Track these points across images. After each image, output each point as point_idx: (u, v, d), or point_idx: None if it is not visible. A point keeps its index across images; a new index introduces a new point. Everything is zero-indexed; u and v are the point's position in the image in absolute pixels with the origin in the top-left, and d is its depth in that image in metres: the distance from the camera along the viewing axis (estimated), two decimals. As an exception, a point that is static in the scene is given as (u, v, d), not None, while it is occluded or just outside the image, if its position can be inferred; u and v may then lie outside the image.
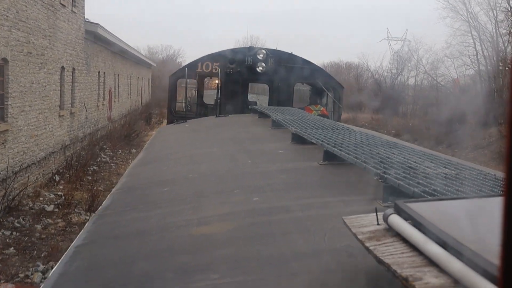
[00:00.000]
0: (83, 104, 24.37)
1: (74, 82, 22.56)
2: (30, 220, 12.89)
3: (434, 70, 51.61)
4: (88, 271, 3.19)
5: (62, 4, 19.98)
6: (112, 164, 22.26)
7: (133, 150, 25.03)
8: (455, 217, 2.19)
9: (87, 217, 11.84)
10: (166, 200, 4.90)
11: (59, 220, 13.07)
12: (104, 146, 25.44)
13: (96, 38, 26.68)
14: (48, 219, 13.06)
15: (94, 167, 20.48)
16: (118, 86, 36.85)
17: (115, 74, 34.97)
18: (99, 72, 28.79)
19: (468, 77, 42.08)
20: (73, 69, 22.33)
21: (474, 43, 41.76)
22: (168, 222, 4.00)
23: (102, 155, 23.44)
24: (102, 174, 19.85)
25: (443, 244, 1.75)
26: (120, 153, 25.17)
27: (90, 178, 18.61)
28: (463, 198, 2.77)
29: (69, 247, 3.78)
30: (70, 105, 22.13)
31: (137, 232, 3.89)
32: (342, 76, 61.46)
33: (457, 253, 1.65)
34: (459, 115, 27.50)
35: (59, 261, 3.47)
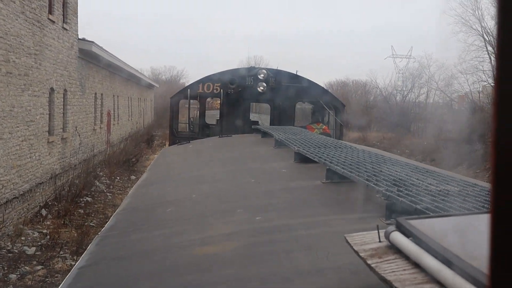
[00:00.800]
0: (76, 128, 22.29)
1: (66, 105, 20.49)
2: (5, 268, 10.86)
3: (448, 86, 50.43)
4: None
5: (51, 20, 18.15)
6: (108, 194, 20.01)
7: (133, 177, 23.04)
8: (457, 234, 2.19)
9: (73, 263, 10.12)
10: (170, 220, 4.90)
11: (39, 268, 11.06)
12: (100, 173, 23.25)
13: (92, 58, 24.98)
14: (26, 267, 11.02)
15: (87, 198, 18.23)
16: (118, 108, 34.88)
17: (114, 96, 33.23)
18: (95, 93, 27.00)
19: (484, 94, 40.86)
20: (65, 90, 20.35)
21: (490, 58, 40.27)
22: (171, 242, 4.00)
23: (98, 183, 21.23)
24: (96, 206, 17.60)
25: (445, 261, 1.76)
26: (118, 181, 23.08)
27: (82, 211, 16.49)
28: (465, 214, 2.78)
29: (73, 268, 3.78)
30: (62, 130, 19.97)
31: (140, 253, 3.89)
32: (349, 95, 60.43)
33: (459, 270, 1.65)
34: (478, 133, 26.72)
35: (63, 282, 3.47)
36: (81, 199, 17.63)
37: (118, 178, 23.43)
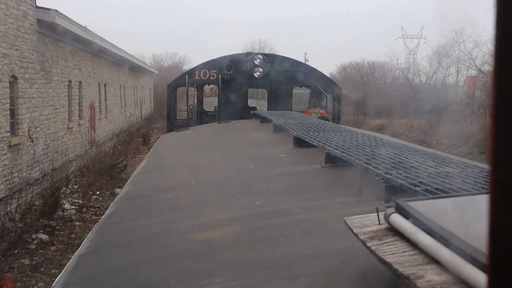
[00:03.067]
0: (36, 128, 16.59)
1: (18, 98, 15.04)
2: None
3: (485, 65, 42.46)
4: (92, 280, 3.19)
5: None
6: (77, 223, 13.69)
7: (117, 190, 15.60)
8: (456, 215, 2.18)
9: None
10: (169, 207, 4.90)
11: None
12: (72, 188, 17.13)
13: (63, 35, 19.10)
14: None
15: (42, 235, 12.18)
16: (106, 99, 29.36)
17: (100, 84, 27.65)
18: (69, 81, 21.13)
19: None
20: (13, 77, 14.77)
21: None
22: (171, 229, 4.00)
23: (66, 205, 14.93)
24: (53, 249, 11.61)
25: (444, 242, 1.75)
26: (96, 198, 16.65)
27: (28, 261, 10.68)
28: (465, 195, 2.77)
29: (73, 256, 3.79)
30: (9, 133, 14.19)
31: (140, 240, 3.90)
32: (365, 77, 55.50)
33: (458, 250, 1.64)
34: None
35: (63, 270, 3.47)
36: (31, 238, 11.92)
37: (97, 193, 17.29)
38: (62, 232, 12.85)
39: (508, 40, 0.71)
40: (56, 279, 3.33)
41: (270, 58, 15.52)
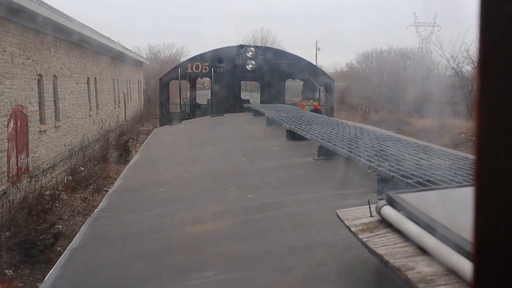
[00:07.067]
0: None
1: None
2: None
3: None
4: (85, 274, 3.19)
5: None
6: None
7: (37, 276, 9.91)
8: (446, 206, 2.19)
9: None
10: (162, 200, 4.89)
11: None
12: None
13: None
14: None
15: None
16: (57, 99, 19.60)
17: (42, 76, 17.73)
18: None
19: None
20: None
21: None
22: (164, 223, 4.00)
23: None
24: None
25: (435, 233, 1.76)
26: None
27: None
28: (455, 187, 2.78)
29: (65, 250, 3.78)
30: None
31: (133, 234, 3.89)
32: (389, 67, 48.60)
33: (447, 240, 1.66)
34: None
35: (55, 264, 3.46)
36: None
37: None
38: None
39: (492, 34, 0.71)
40: (49, 273, 3.33)
41: (262, 51, 15.52)
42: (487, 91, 0.72)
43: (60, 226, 12.44)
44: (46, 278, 3.24)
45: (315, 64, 16.19)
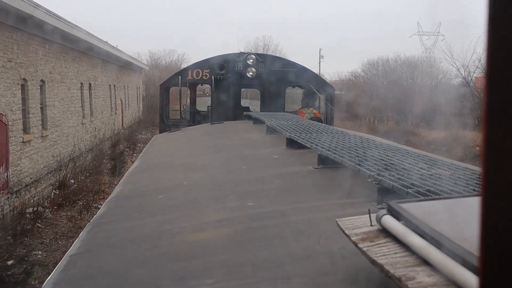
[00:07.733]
0: None
1: None
2: None
3: None
4: (83, 280, 3.18)
5: None
6: None
7: None
8: (447, 216, 2.19)
9: None
10: (162, 207, 4.89)
11: None
12: None
13: None
14: None
15: None
16: (45, 106, 18.40)
17: (26, 80, 16.47)
18: None
19: None
20: None
21: None
22: (163, 230, 3.99)
23: None
24: None
25: (436, 243, 1.76)
26: None
27: None
28: (456, 197, 2.78)
29: (64, 256, 3.77)
30: None
31: (132, 240, 3.88)
32: (395, 76, 47.29)
33: (450, 251, 1.65)
34: None
35: (54, 270, 3.45)
36: None
37: None
38: None
39: (500, 41, 0.71)
40: (47, 279, 3.32)
41: (263, 58, 15.56)
42: (495, 102, 0.72)
43: (39, 253, 10.58)
44: (44, 284, 3.23)
45: (317, 72, 16.21)
